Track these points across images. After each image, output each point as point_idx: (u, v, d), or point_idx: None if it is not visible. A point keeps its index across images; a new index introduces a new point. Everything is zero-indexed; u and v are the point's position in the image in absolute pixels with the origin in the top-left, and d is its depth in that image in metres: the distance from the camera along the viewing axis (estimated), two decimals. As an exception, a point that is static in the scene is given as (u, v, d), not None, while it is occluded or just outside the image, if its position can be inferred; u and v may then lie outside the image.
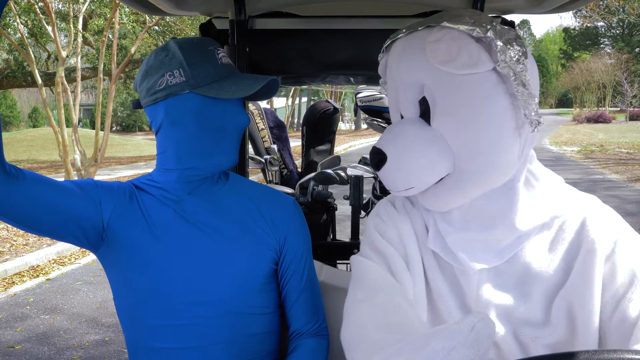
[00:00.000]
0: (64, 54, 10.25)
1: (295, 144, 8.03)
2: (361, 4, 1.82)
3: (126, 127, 45.53)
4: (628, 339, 0.84)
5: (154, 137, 1.25)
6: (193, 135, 1.14)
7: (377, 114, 3.33)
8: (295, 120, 39.11)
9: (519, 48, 0.87)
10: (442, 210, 0.97)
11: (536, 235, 0.96)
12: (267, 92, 1.19)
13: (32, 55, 10.80)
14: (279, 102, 39.57)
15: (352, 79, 2.16)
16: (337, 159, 3.60)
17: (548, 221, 0.96)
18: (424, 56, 0.90)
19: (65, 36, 12.85)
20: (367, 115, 3.48)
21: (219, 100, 1.13)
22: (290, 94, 30.45)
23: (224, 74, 1.14)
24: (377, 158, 0.95)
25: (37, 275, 5.90)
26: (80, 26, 10.91)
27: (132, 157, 20.84)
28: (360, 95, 3.51)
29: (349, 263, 2.50)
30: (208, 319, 1.15)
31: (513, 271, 0.95)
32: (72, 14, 10.98)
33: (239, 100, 1.17)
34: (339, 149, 20.66)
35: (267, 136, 3.87)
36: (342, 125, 42.47)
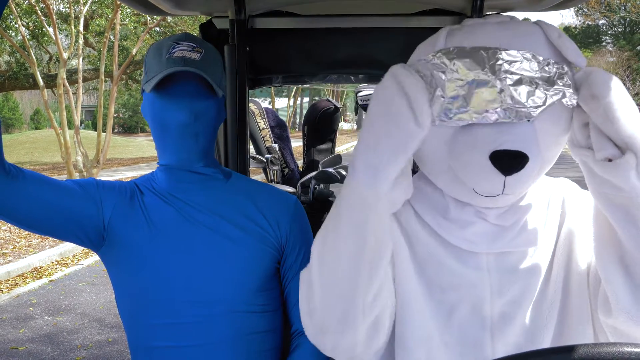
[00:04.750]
0: (65, 55, 10.26)
1: (297, 143, 8.04)
2: (361, 2, 1.82)
3: (128, 129, 45.54)
4: None
5: (156, 138, 1.26)
6: (152, 132, 1.18)
7: None
8: (297, 120, 39.11)
9: None
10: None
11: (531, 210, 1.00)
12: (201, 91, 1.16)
13: (34, 57, 10.80)
14: (280, 103, 39.54)
15: (352, 77, 2.16)
16: (339, 158, 3.60)
17: (541, 197, 1.02)
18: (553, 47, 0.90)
19: (67, 36, 12.85)
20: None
21: (161, 96, 1.13)
22: (292, 94, 30.45)
23: (163, 68, 1.11)
24: (517, 161, 0.86)
25: (40, 277, 5.91)
26: (81, 27, 10.91)
27: (135, 158, 20.84)
28: (361, 94, 3.52)
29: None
30: (209, 318, 1.15)
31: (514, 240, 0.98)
32: (73, 15, 10.98)
33: (183, 95, 1.13)
34: (341, 148, 20.63)
35: (268, 135, 3.87)
36: (344, 125, 42.44)
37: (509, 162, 0.85)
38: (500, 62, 0.85)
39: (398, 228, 1.00)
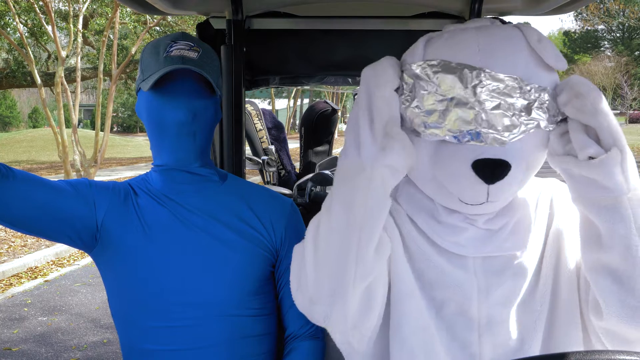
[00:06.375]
0: (63, 54, 10.25)
1: (296, 145, 8.05)
2: (359, 4, 1.81)
3: (127, 128, 45.58)
4: None
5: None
6: (148, 131, 1.17)
7: None
8: (297, 122, 39.18)
9: None
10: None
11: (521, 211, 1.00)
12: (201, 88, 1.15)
13: (32, 55, 10.78)
14: (280, 104, 39.62)
15: (350, 79, 2.16)
16: (336, 160, 3.59)
17: (530, 197, 1.03)
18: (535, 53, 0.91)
19: (66, 35, 12.83)
20: None
21: (158, 95, 1.12)
22: (292, 95, 30.50)
23: (160, 66, 1.11)
24: (500, 169, 0.87)
25: (35, 277, 5.89)
26: (80, 26, 10.90)
27: (133, 158, 20.83)
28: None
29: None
30: (203, 321, 1.14)
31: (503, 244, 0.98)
32: (72, 13, 10.97)
33: (181, 94, 1.13)
34: (340, 150, 20.57)
35: (265, 137, 3.86)
36: (344, 127, 42.52)
37: (491, 170, 0.86)
38: (483, 83, 0.85)
39: (394, 223, 1.00)
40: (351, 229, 0.87)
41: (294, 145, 9.04)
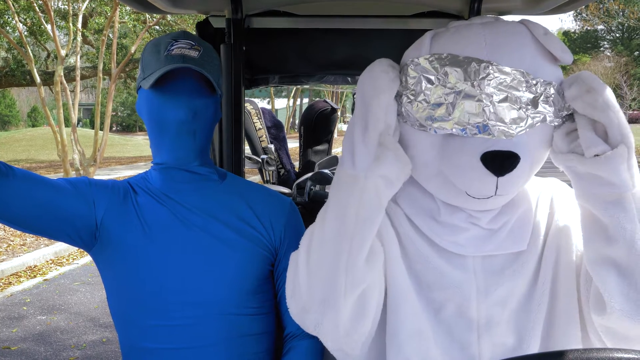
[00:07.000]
0: (63, 52, 10.24)
1: (295, 144, 8.03)
2: (359, 3, 1.82)
3: (126, 127, 45.62)
4: None
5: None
6: (148, 129, 1.17)
7: None
8: (297, 121, 39.18)
9: None
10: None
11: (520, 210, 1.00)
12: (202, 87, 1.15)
13: (31, 54, 10.77)
14: (279, 103, 39.63)
15: (349, 78, 2.16)
16: (335, 159, 3.60)
17: (530, 196, 1.03)
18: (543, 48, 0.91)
19: (65, 34, 12.82)
20: None
21: (159, 93, 1.12)
22: (292, 94, 30.49)
23: (161, 65, 1.11)
24: (509, 161, 0.87)
25: (35, 276, 5.88)
26: (80, 25, 10.89)
27: (132, 157, 20.81)
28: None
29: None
30: (202, 320, 1.14)
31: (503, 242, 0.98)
32: (71, 12, 10.96)
33: (182, 93, 1.13)
34: (340, 150, 20.56)
35: (264, 136, 3.87)
36: (344, 127, 42.55)
37: (501, 162, 0.86)
38: (490, 76, 0.85)
39: (390, 225, 1.00)
40: (342, 239, 0.88)
41: (293, 144, 9.04)
